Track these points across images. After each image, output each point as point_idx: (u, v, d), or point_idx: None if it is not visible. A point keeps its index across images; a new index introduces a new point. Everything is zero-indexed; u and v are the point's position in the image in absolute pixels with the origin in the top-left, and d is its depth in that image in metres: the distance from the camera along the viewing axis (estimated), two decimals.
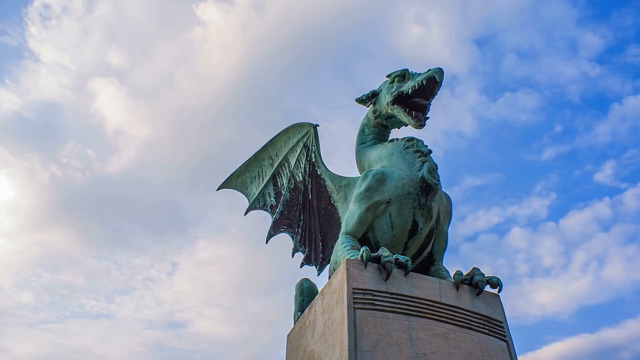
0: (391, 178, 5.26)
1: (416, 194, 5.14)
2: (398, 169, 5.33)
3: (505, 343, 4.62)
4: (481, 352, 4.40)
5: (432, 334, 4.30)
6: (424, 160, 5.30)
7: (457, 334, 4.42)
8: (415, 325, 4.30)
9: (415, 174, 5.21)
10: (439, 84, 5.36)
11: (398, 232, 5.17)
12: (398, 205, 5.15)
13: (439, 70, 5.33)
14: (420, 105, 5.54)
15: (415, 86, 5.46)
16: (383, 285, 4.42)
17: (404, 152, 5.47)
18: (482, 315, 4.66)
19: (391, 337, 4.13)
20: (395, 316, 4.28)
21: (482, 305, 4.73)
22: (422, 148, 5.46)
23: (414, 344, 4.17)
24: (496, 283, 4.94)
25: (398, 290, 4.44)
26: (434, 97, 5.54)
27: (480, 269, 4.95)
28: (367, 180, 5.35)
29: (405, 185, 5.17)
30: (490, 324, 4.65)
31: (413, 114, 5.49)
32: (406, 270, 4.58)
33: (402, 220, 5.15)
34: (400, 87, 5.70)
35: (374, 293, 4.35)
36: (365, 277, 4.42)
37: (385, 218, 5.20)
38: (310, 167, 6.57)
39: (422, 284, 4.60)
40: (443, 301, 4.56)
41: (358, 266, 4.47)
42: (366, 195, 5.25)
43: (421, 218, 5.17)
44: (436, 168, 5.34)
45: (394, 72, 5.93)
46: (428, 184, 5.14)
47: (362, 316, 4.17)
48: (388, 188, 5.21)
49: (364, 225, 5.22)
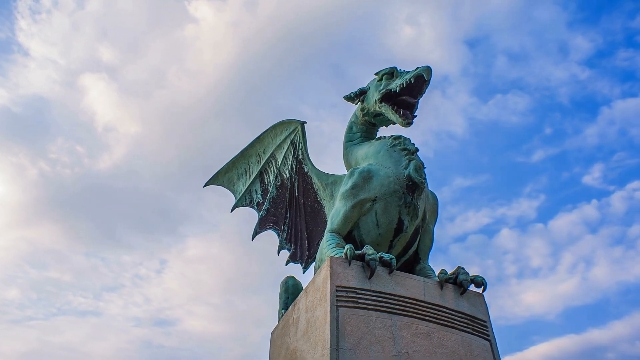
0: (377, 176, 5.23)
1: (402, 192, 5.12)
2: (384, 167, 5.31)
3: (489, 342, 4.61)
4: (464, 351, 4.38)
5: (415, 332, 4.28)
6: (410, 159, 5.28)
7: (441, 332, 4.39)
8: (399, 323, 4.27)
9: (401, 172, 5.19)
10: (427, 82, 5.36)
11: (384, 231, 5.14)
12: (384, 203, 5.12)
13: (427, 68, 5.33)
14: (408, 103, 5.54)
15: (404, 84, 5.46)
16: (367, 284, 4.39)
17: (390, 150, 5.44)
18: (465, 315, 4.64)
19: (374, 335, 4.10)
20: (379, 314, 4.25)
21: (466, 305, 4.72)
22: (409, 146, 5.44)
23: (397, 342, 4.14)
24: (480, 282, 4.92)
25: (382, 288, 4.41)
26: (422, 95, 5.54)
27: (465, 268, 4.94)
28: (353, 178, 5.32)
29: (391, 184, 5.15)
30: (474, 323, 4.64)
31: (401, 112, 5.49)
32: (390, 269, 4.55)
33: (388, 218, 5.12)
34: (388, 85, 5.69)
35: (357, 291, 4.31)
36: (348, 275, 4.38)
37: (370, 216, 5.17)
38: (297, 164, 6.52)
39: (406, 283, 4.57)
40: (427, 300, 4.54)
41: (342, 264, 4.43)
42: (352, 192, 5.22)
43: (407, 216, 5.15)
44: (423, 166, 5.32)
45: (383, 70, 5.90)
46: (414, 182, 5.11)
47: (345, 314, 4.14)
48: (374, 186, 5.18)
49: (350, 223, 5.19)
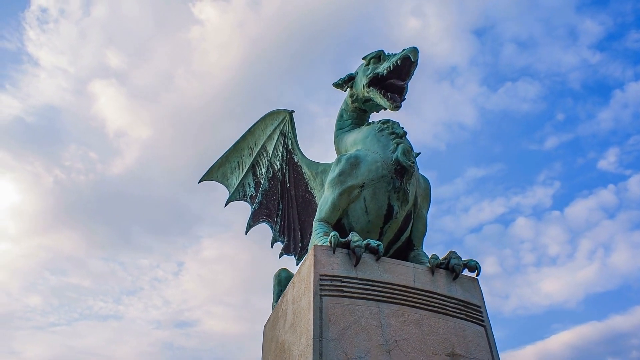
0: (365, 161, 5.08)
1: (391, 177, 4.96)
2: (372, 152, 5.15)
3: (483, 328, 4.43)
4: (457, 337, 4.21)
5: (404, 320, 4.12)
6: (398, 142, 5.12)
7: (432, 319, 4.23)
8: (386, 311, 4.11)
9: (389, 156, 5.03)
10: (414, 63, 5.20)
11: (373, 217, 4.98)
12: (372, 189, 4.97)
13: (413, 49, 5.18)
14: (396, 86, 5.39)
15: (390, 67, 5.31)
16: (352, 272, 4.24)
17: (378, 134, 5.29)
18: (458, 300, 4.47)
19: (360, 324, 3.95)
20: (365, 303, 4.10)
21: (459, 290, 4.54)
22: (397, 130, 5.27)
23: (384, 330, 3.99)
24: (474, 266, 4.74)
25: (369, 276, 4.26)
26: (410, 77, 5.37)
27: (457, 253, 4.76)
28: (340, 165, 5.17)
29: (379, 169, 4.99)
30: (468, 309, 4.46)
31: (389, 96, 5.34)
32: (377, 255, 4.39)
33: (377, 204, 4.96)
34: (375, 68, 5.55)
35: (343, 279, 4.17)
36: (333, 263, 4.24)
37: (359, 203, 5.01)
38: (287, 155, 6.39)
39: (395, 269, 4.41)
40: (417, 286, 4.37)
41: (326, 252, 4.29)
42: (339, 180, 5.07)
43: (397, 202, 4.98)
44: (411, 150, 5.15)
45: (370, 54, 5.76)
46: (402, 166, 4.95)
47: (329, 303, 4.00)
48: (362, 172, 5.02)
49: (338, 211, 5.04)
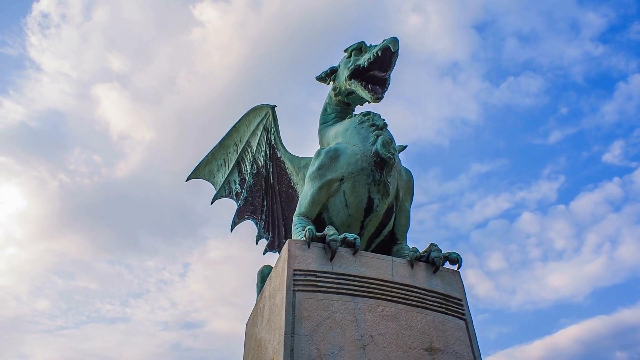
0: (344, 154, 4.99)
1: (370, 169, 4.86)
2: (352, 145, 5.06)
3: (464, 321, 4.33)
4: (436, 331, 4.11)
5: (380, 314, 4.03)
6: (378, 134, 5.02)
7: (410, 313, 4.13)
8: (362, 306, 4.02)
9: (368, 148, 4.94)
10: (395, 53, 5.11)
11: (353, 211, 4.89)
12: (352, 182, 4.88)
13: (393, 39, 5.09)
14: (378, 78, 5.30)
15: (371, 58, 5.23)
16: (328, 266, 4.15)
17: (358, 127, 5.20)
18: (438, 294, 4.37)
19: (334, 319, 3.87)
20: (340, 297, 4.01)
21: (439, 283, 4.44)
22: (378, 121, 5.18)
23: (360, 325, 3.90)
24: (455, 259, 4.64)
25: (345, 270, 4.17)
26: (391, 68, 5.27)
27: (438, 245, 4.66)
28: (319, 159, 5.08)
29: (358, 161, 4.90)
30: (448, 302, 4.36)
31: (369, 88, 5.25)
32: (354, 249, 4.31)
33: (357, 197, 4.87)
34: (356, 60, 5.48)
35: (318, 274, 4.08)
36: (308, 258, 4.15)
37: (339, 196, 4.92)
38: (270, 150, 6.32)
39: (372, 263, 4.32)
40: (395, 280, 4.28)
41: (301, 247, 4.21)
42: (319, 173, 4.98)
43: (377, 195, 4.89)
44: (391, 141, 5.05)
45: (351, 46, 5.68)
46: (382, 158, 4.85)
47: (303, 299, 3.91)
48: (341, 165, 4.94)
49: (317, 205, 4.95)
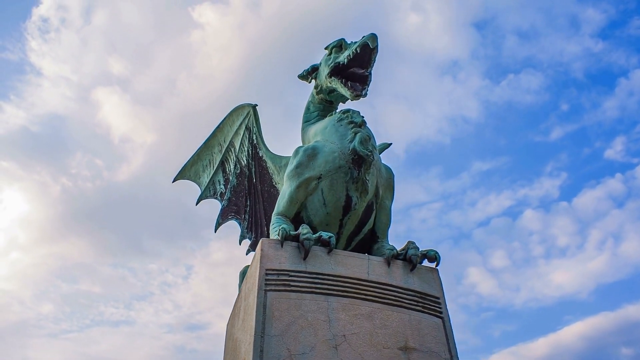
0: (322, 152, 4.94)
1: (348, 167, 4.81)
2: (330, 142, 5.01)
3: (441, 320, 4.26)
4: (411, 330, 4.05)
5: (354, 314, 3.97)
6: (356, 131, 4.96)
7: (385, 312, 4.07)
8: (336, 305, 3.97)
9: (346, 145, 4.88)
10: (374, 49, 5.06)
11: (331, 209, 4.84)
12: (329, 180, 4.82)
13: (372, 35, 5.04)
14: (358, 75, 5.25)
15: (350, 55, 5.19)
16: (301, 265, 4.10)
17: (337, 124, 5.15)
18: (415, 292, 4.31)
19: (306, 319, 3.81)
20: (313, 297, 3.96)
21: (416, 281, 4.38)
22: (356, 119, 5.12)
23: (332, 325, 3.84)
24: (434, 256, 4.58)
25: (319, 269, 4.12)
26: (371, 65, 5.22)
27: (415, 243, 4.60)
28: (297, 157, 5.03)
29: (336, 159, 4.84)
30: (425, 301, 4.30)
31: (349, 85, 5.20)
32: (329, 248, 4.25)
33: (335, 196, 4.82)
34: (336, 57, 5.43)
35: (290, 273, 4.03)
36: (281, 257, 4.10)
37: (317, 195, 4.87)
38: (252, 150, 6.27)
39: (348, 262, 4.26)
40: (371, 279, 4.22)
41: (274, 246, 4.16)
42: (296, 172, 4.93)
43: (355, 192, 4.83)
44: (370, 138, 4.98)
45: (331, 43, 5.64)
46: (360, 155, 4.80)
47: (274, 298, 3.86)
48: (319, 163, 4.88)
49: (295, 204, 4.90)
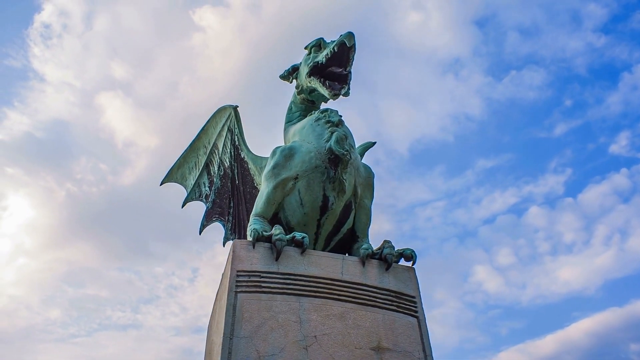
0: (299, 152, 4.92)
1: (324, 166, 4.79)
2: (307, 142, 5.00)
3: (416, 319, 4.23)
4: (385, 330, 4.02)
5: (326, 314, 3.94)
6: (332, 131, 4.95)
7: (358, 312, 4.05)
8: (307, 306, 3.95)
9: (323, 145, 4.87)
10: (352, 48, 5.07)
11: (308, 209, 4.82)
12: (306, 180, 4.80)
13: (349, 34, 5.04)
14: (337, 74, 5.25)
15: (329, 54, 5.20)
16: (274, 266, 4.08)
17: (314, 124, 5.13)
18: (390, 291, 4.28)
19: (276, 320, 3.80)
20: (284, 298, 3.94)
21: (392, 281, 4.35)
22: (333, 118, 5.11)
23: (303, 326, 3.82)
24: (410, 255, 4.55)
25: (291, 269, 4.10)
26: (350, 64, 5.21)
27: (391, 242, 4.57)
28: (275, 158, 5.02)
29: (312, 159, 4.83)
30: (400, 300, 4.27)
31: (327, 84, 5.20)
32: (302, 248, 4.24)
33: (312, 196, 4.80)
34: (315, 57, 5.45)
35: (262, 274, 4.01)
36: (253, 258, 4.08)
37: (294, 195, 4.85)
38: (235, 151, 6.26)
39: (321, 262, 4.24)
40: (345, 279, 4.20)
41: (246, 247, 4.15)
42: (273, 173, 4.92)
43: (332, 192, 4.81)
44: (346, 138, 4.96)
45: (310, 43, 5.66)
46: (336, 154, 4.77)
47: (244, 300, 3.85)
48: (295, 163, 4.87)
49: (273, 205, 4.88)
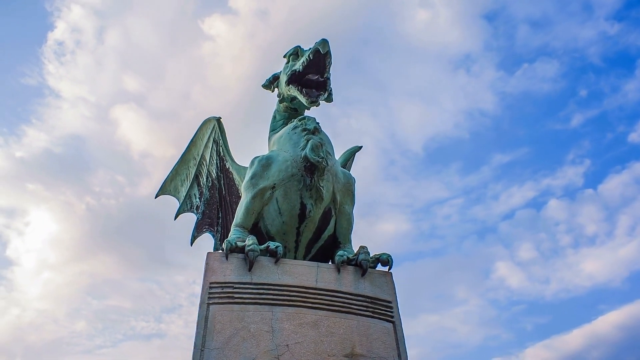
0: (276, 162, 4.97)
1: (301, 174, 4.82)
2: (283, 151, 5.05)
3: (392, 324, 4.22)
4: (359, 336, 4.03)
5: (299, 323, 3.97)
6: (308, 139, 4.98)
7: (332, 320, 4.06)
8: (280, 315, 3.98)
9: (298, 153, 4.90)
10: (326, 55, 5.10)
11: (287, 218, 4.85)
12: (283, 189, 4.84)
13: (322, 41, 5.08)
14: (316, 81, 5.29)
15: (305, 61, 5.24)
16: (247, 276, 4.13)
17: (291, 132, 5.18)
18: (366, 297, 4.28)
19: (248, 330, 3.84)
20: (257, 308, 3.98)
21: (367, 286, 4.36)
22: (309, 125, 5.14)
23: (276, 335, 3.85)
24: (386, 260, 4.55)
25: (265, 279, 4.14)
26: (327, 70, 5.25)
27: (367, 248, 4.58)
28: (253, 168, 5.07)
29: (289, 167, 4.87)
30: (375, 305, 4.27)
31: (304, 92, 5.24)
32: (276, 258, 4.27)
33: (289, 204, 4.83)
34: (293, 65, 5.50)
35: (235, 285, 4.06)
36: (226, 270, 4.14)
37: (272, 204, 4.90)
38: (220, 162, 6.33)
39: (295, 271, 4.27)
40: (319, 286, 4.22)
41: (219, 259, 4.20)
42: (252, 183, 4.97)
43: (310, 200, 4.84)
44: (321, 145, 4.97)
45: (288, 51, 5.72)
46: (312, 162, 4.80)
47: (216, 311, 3.90)
48: (272, 172, 4.92)
49: (252, 214, 4.93)
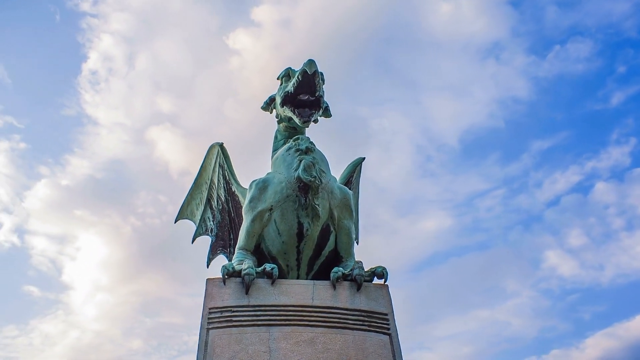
0: (272, 184, 5.15)
1: (295, 195, 4.98)
2: (278, 173, 5.22)
3: (388, 337, 4.30)
4: (355, 351, 4.13)
5: (296, 341, 4.12)
6: (300, 159, 5.13)
7: (328, 336, 4.19)
8: (277, 335, 4.14)
9: (292, 174, 5.06)
10: (314, 74, 5.19)
11: (286, 238, 5.03)
12: (280, 210, 5.02)
13: (309, 62, 5.19)
14: (308, 101, 5.42)
15: (295, 83, 5.37)
16: (244, 299, 4.31)
17: (285, 154, 5.34)
18: (361, 311, 4.38)
19: (246, 352, 4.01)
20: (254, 329, 4.15)
21: (363, 300, 4.46)
22: (302, 145, 5.28)
23: (273, 355, 4.01)
24: (381, 273, 4.63)
25: (262, 301, 4.31)
26: (318, 90, 5.36)
27: (362, 262, 4.69)
28: (251, 191, 5.27)
29: (284, 189, 5.04)
30: (371, 319, 4.36)
31: (296, 112, 5.39)
32: (272, 279, 4.44)
33: (287, 224, 5.00)
34: (285, 87, 5.64)
35: (233, 309, 4.25)
36: (224, 295, 4.34)
37: (271, 226, 5.08)
38: (227, 185, 6.58)
39: (291, 290, 4.43)
40: (315, 304, 4.35)
41: (217, 284, 4.41)
42: (250, 206, 5.17)
43: (306, 218, 4.99)
44: (314, 165, 5.10)
45: (280, 73, 5.89)
46: (304, 182, 4.95)
47: (216, 336, 4.10)
48: (269, 195, 5.10)
49: (253, 237, 5.12)
